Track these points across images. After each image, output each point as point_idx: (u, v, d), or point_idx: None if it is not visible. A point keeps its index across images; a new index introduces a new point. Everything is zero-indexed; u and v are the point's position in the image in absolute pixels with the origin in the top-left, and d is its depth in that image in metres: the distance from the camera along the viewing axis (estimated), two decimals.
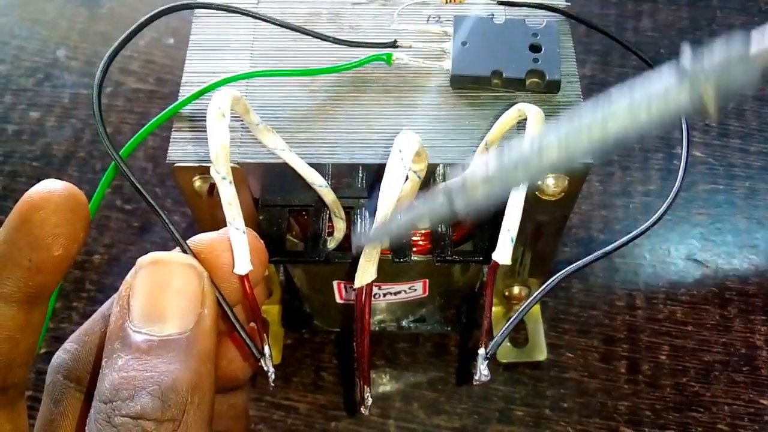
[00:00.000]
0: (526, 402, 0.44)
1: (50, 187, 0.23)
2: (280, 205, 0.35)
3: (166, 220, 0.25)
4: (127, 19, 0.62)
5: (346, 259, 0.34)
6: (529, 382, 0.45)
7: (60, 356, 0.26)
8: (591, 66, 0.58)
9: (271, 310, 0.46)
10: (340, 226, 0.34)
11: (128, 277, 0.24)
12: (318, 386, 0.45)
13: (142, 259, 0.24)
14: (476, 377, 0.28)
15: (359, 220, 0.34)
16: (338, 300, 0.40)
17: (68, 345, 0.26)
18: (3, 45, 0.60)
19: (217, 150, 0.24)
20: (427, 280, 0.38)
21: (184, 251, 0.25)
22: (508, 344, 0.46)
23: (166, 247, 0.52)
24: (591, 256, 0.32)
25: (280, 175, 0.33)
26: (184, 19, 0.37)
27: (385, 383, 0.45)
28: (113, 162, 0.26)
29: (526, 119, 0.28)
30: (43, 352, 0.42)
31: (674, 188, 0.33)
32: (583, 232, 0.51)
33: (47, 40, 0.60)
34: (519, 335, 0.46)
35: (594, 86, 0.57)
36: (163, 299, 0.23)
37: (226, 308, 0.25)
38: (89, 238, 0.50)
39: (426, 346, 0.46)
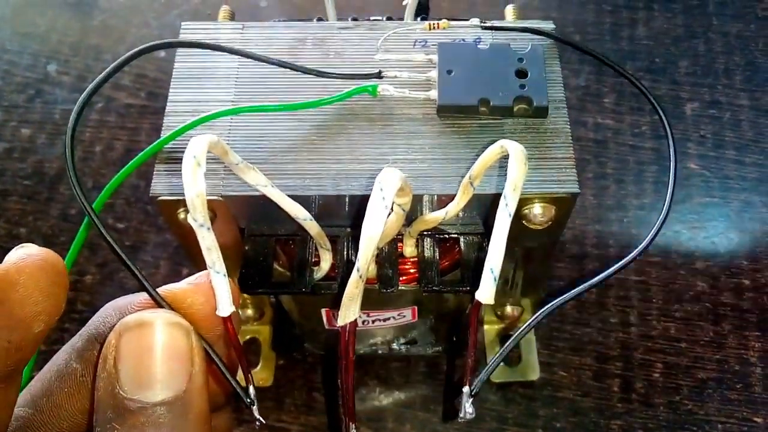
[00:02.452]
0: (518, 422, 0.44)
1: (27, 257, 0.22)
2: (266, 234, 0.34)
3: (140, 276, 0.24)
4: (119, 33, 0.62)
5: (333, 290, 0.33)
6: (522, 401, 0.45)
7: None
8: (585, 77, 0.58)
9: (263, 331, 0.46)
10: (326, 257, 0.34)
11: (111, 338, 0.23)
12: (310, 407, 0.45)
13: (126, 321, 0.23)
14: (461, 415, 0.28)
15: (346, 248, 0.34)
16: (327, 326, 0.39)
17: (19, 411, 0.23)
18: None
19: (193, 199, 0.24)
20: (416, 307, 0.38)
21: (160, 305, 0.24)
22: (501, 363, 0.45)
23: (157, 267, 0.52)
24: (582, 286, 0.31)
25: (265, 206, 0.32)
26: (175, 33, 0.36)
27: (378, 403, 0.45)
28: (86, 217, 0.26)
29: (508, 155, 0.28)
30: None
31: (661, 215, 0.33)
32: (576, 248, 0.50)
33: (38, 55, 0.60)
34: (512, 354, 0.46)
35: (588, 97, 0.57)
36: (152, 363, 0.22)
37: (213, 355, 0.25)
38: (81, 257, 0.50)
39: (419, 366, 0.46)
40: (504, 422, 0.44)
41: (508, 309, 0.44)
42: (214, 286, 0.26)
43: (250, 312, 0.45)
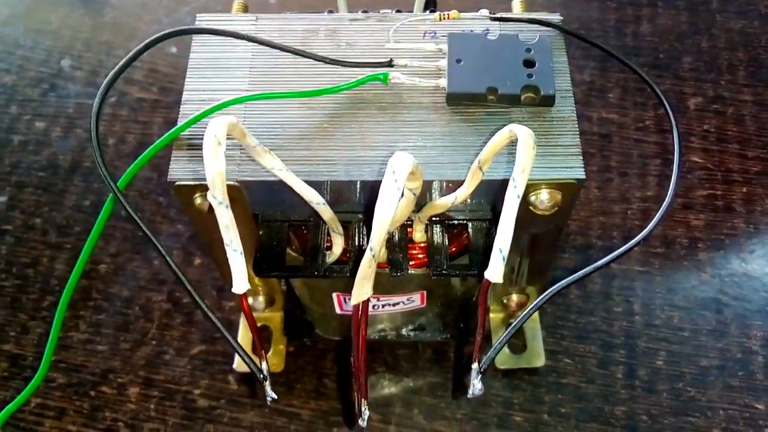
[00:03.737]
0: (524, 407, 0.45)
1: None
2: (279, 220, 0.35)
3: (164, 252, 0.25)
4: (129, 29, 0.63)
5: (345, 273, 0.34)
6: (527, 387, 0.46)
7: None
8: (590, 72, 0.59)
9: (274, 318, 0.47)
10: (338, 241, 0.35)
11: None
12: (320, 393, 0.46)
13: None
14: (470, 391, 0.29)
15: (357, 233, 0.35)
16: (338, 311, 0.40)
17: None
18: (8, 55, 0.61)
19: (213, 177, 0.25)
20: (425, 292, 0.39)
21: (182, 283, 0.25)
22: (507, 351, 0.46)
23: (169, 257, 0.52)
24: (586, 269, 0.32)
25: (279, 191, 0.33)
26: None
27: (386, 389, 0.46)
28: (111, 194, 0.27)
29: (517, 140, 0.29)
30: (54, 360, 0.43)
31: (664, 203, 0.33)
32: (581, 239, 0.51)
33: (52, 50, 0.61)
34: (518, 341, 0.47)
35: (593, 92, 0.58)
36: None
37: (228, 336, 0.26)
38: (95, 248, 0.51)
39: (426, 353, 0.47)
40: (510, 407, 0.45)
41: (514, 297, 0.45)
42: (231, 264, 0.27)
43: (261, 299, 0.46)
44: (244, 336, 0.46)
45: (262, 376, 0.29)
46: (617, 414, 0.45)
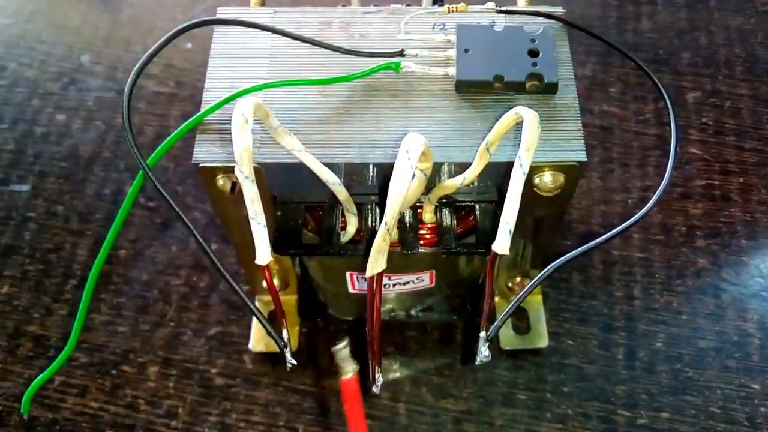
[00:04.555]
0: (528, 386, 0.47)
1: None
2: (296, 201, 0.37)
3: (191, 227, 0.27)
4: (147, 26, 0.65)
5: (359, 252, 0.36)
6: (531, 367, 0.48)
7: None
8: (591, 67, 0.60)
9: (288, 301, 0.48)
10: (352, 221, 0.37)
11: None
12: (332, 372, 0.48)
13: None
14: (478, 358, 0.31)
15: (370, 214, 0.37)
16: (351, 290, 0.42)
17: None
18: (30, 50, 0.63)
19: (241, 152, 0.27)
20: (434, 271, 0.41)
21: (210, 257, 0.27)
22: (511, 332, 0.48)
23: (187, 243, 0.54)
24: (588, 244, 0.34)
25: (297, 174, 0.35)
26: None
27: (395, 369, 0.48)
28: (141, 171, 0.29)
29: (522, 121, 0.31)
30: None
31: (663, 182, 0.35)
32: (583, 227, 0.53)
33: (72, 46, 0.64)
34: (521, 324, 0.49)
35: (595, 86, 0.60)
36: None
37: (251, 306, 0.28)
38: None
39: (434, 334, 0.49)
40: (514, 386, 0.47)
41: (518, 281, 0.47)
42: (255, 236, 0.29)
43: (276, 283, 0.48)
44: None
45: (282, 343, 0.31)
46: (618, 393, 0.47)
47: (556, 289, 0.50)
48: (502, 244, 0.30)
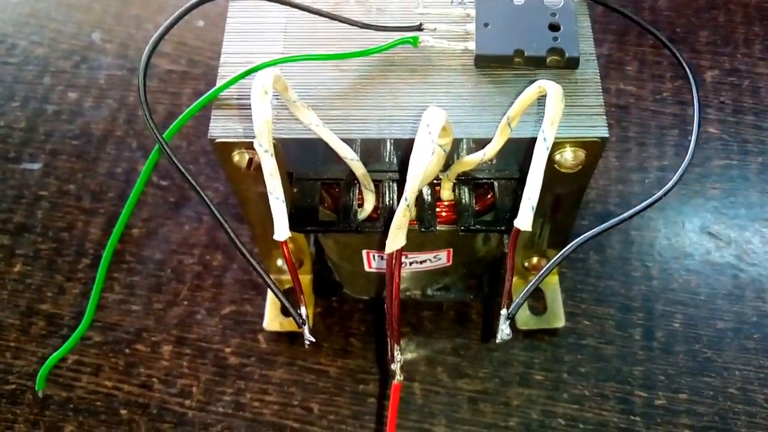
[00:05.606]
0: (544, 367, 0.47)
1: None
2: (313, 178, 0.37)
3: (208, 201, 0.27)
4: (158, 3, 0.64)
5: (376, 229, 0.36)
6: (547, 348, 0.47)
7: None
8: (608, 45, 0.60)
9: (303, 280, 0.48)
10: (369, 198, 0.36)
11: None
12: (347, 351, 0.47)
13: None
14: (498, 336, 0.31)
15: (388, 191, 0.36)
16: (367, 268, 0.42)
17: None
18: (41, 28, 0.63)
19: (260, 125, 0.27)
20: (451, 250, 0.40)
21: (227, 233, 0.26)
22: (528, 312, 0.48)
23: (200, 222, 0.54)
24: (606, 224, 0.33)
25: (314, 150, 0.35)
26: (214, 2, 0.39)
27: (411, 349, 0.48)
28: (157, 146, 0.28)
29: (546, 95, 0.30)
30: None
31: (685, 161, 0.35)
32: (600, 207, 0.52)
33: (83, 24, 0.63)
34: (538, 304, 0.48)
35: (611, 65, 0.59)
36: None
37: (270, 283, 0.28)
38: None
39: (449, 314, 0.49)
40: (531, 367, 0.47)
41: (535, 260, 0.47)
42: (273, 211, 0.29)
43: None
44: (272, 296, 0.48)
45: (301, 320, 0.31)
46: (635, 374, 0.46)
47: (573, 269, 0.50)
48: (524, 221, 0.29)
